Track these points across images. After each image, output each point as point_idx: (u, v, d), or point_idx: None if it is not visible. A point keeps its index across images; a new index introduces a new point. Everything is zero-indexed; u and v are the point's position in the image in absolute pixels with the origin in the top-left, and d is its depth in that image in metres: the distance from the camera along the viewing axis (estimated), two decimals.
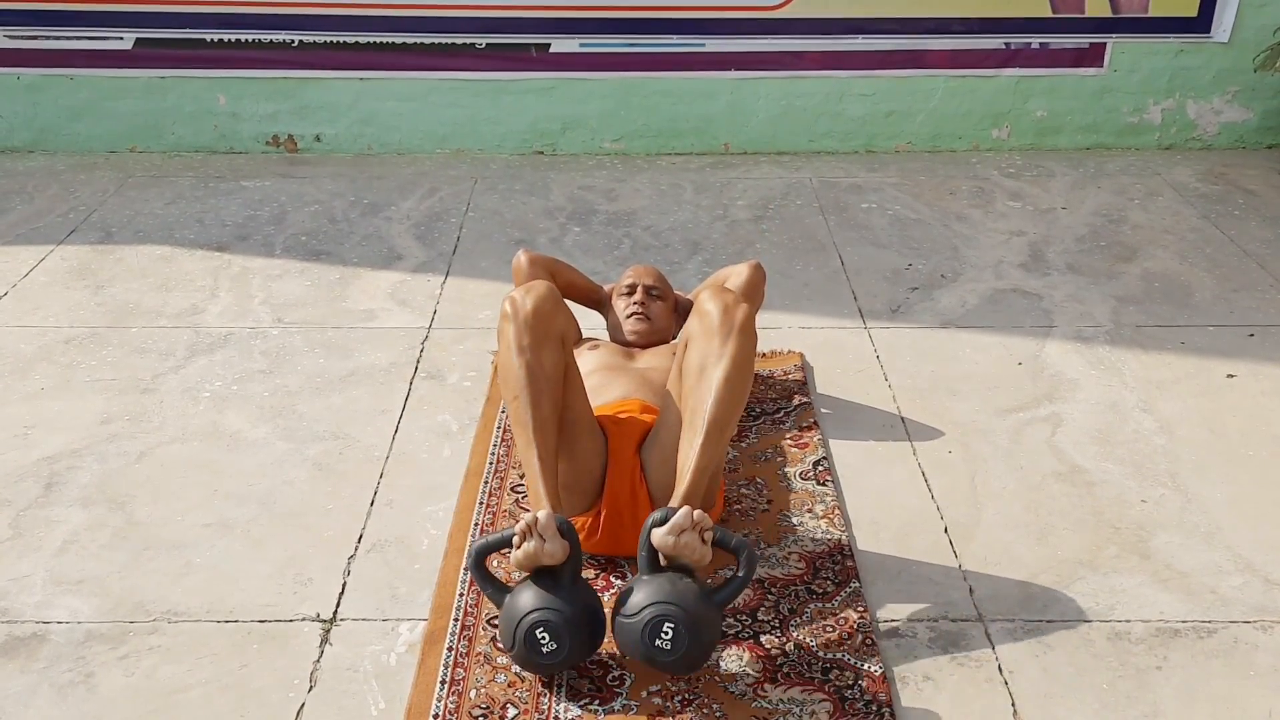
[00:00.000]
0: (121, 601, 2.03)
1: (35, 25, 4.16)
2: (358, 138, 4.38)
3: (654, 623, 1.75)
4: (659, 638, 1.75)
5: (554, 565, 1.81)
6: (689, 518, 1.80)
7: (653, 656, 1.77)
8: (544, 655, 1.78)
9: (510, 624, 1.80)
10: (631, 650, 1.79)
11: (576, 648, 1.79)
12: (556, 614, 1.78)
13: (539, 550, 1.80)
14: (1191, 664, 1.90)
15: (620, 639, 1.81)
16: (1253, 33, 4.22)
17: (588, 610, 1.83)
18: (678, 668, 1.80)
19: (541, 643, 1.77)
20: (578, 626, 1.79)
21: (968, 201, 3.95)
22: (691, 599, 1.77)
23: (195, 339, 2.97)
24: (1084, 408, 2.66)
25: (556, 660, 1.78)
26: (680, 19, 4.19)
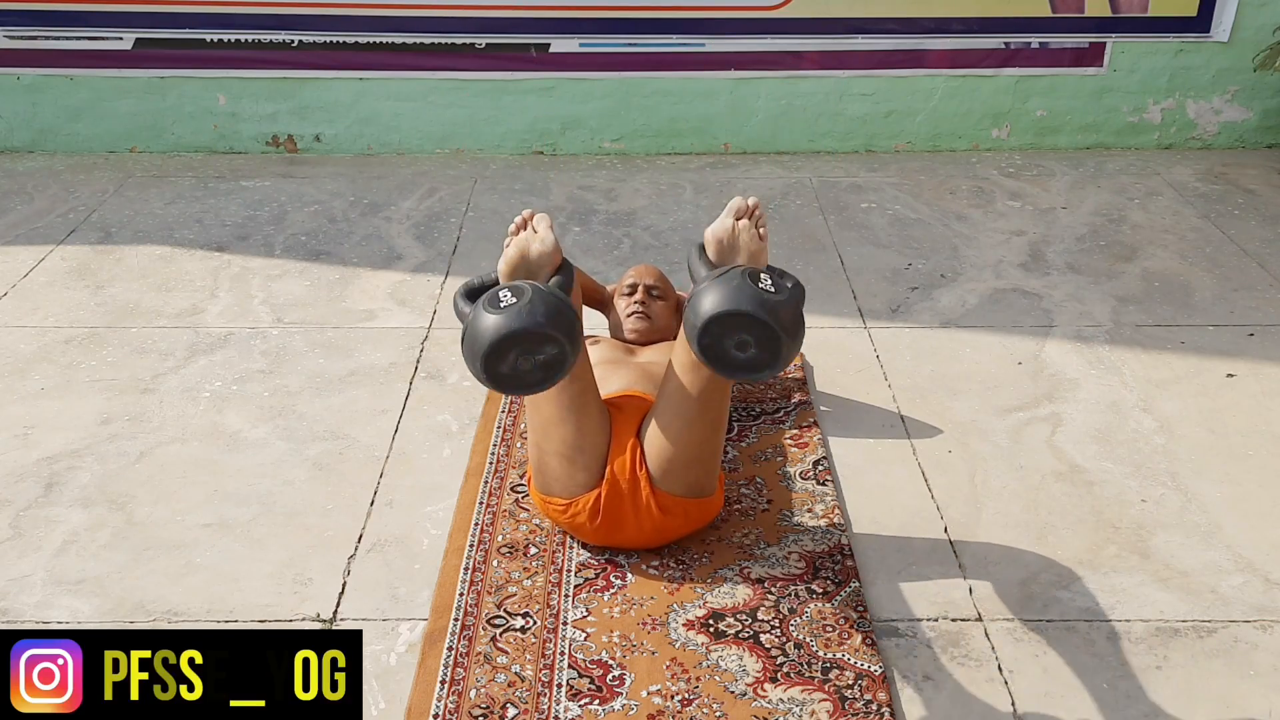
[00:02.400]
0: (121, 601, 2.03)
1: (35, 25, 4.16)
2: (358, 138, 4.38)
3: (751, 271, 1.66)
4: (760, 281, 1.65)
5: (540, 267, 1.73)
6: (745, 202, 1.74)
7: (760, 297, 1.64)
8: (502, 309, 1.66)
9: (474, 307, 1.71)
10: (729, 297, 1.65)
11: (540, 305, 1.67)
12: (524, 282, 1.71)
13: (528, 241, 1.75)
14: (1191, 664, 1.90)
15: (711, 297, 1.67)
16: (1252, 32, 4.22)
17: (560, 295, 1.73)
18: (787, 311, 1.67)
19: (502, 298, 1.66)
20: (545, 292, 1.69)
21: (968, 201, 3.95)
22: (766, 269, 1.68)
23: (195, 339, 2.97)
24: (1084, 407, 2.66)
25: (515, 310, 1.65)
26: (680, 19, 4.19)
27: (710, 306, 1.68)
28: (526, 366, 1.71)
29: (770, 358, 1.70)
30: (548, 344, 1.70)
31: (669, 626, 1.96)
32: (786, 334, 1.68)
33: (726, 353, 1.71)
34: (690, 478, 2.05)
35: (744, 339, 1.70)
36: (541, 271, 1.90)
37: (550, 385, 1.78)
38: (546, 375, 1.74)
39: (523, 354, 1.70)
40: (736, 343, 1.70)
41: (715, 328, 1.70)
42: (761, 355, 1.70)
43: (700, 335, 1.71)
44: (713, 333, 1.70)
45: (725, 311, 1.68)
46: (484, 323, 1.66)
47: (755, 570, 2.09)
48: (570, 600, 2.02)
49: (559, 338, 1.70)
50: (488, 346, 1.67)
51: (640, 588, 2.05)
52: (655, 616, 1.98)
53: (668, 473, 2.03)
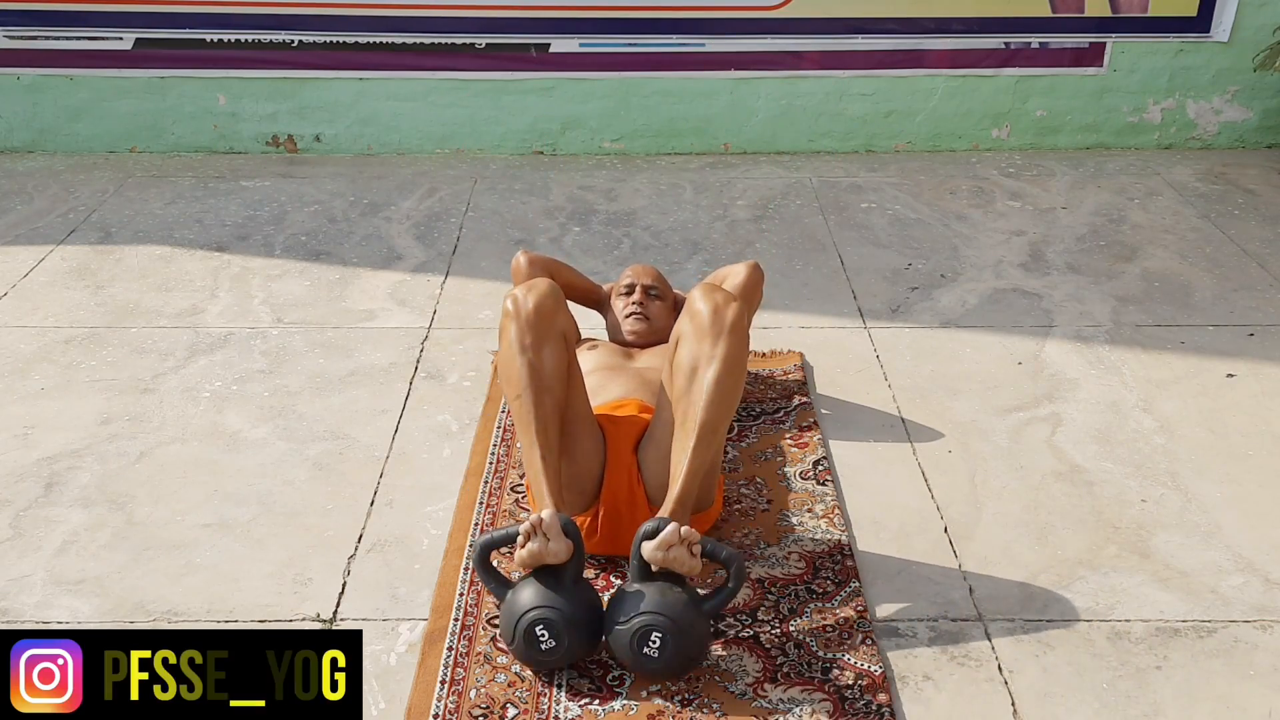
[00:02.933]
0: (121, 601, 2.03)
1: (35, 25, 4.16)
2: (358, 138, 4.38)
3: (642, 631, 1.79)
4: (647, 645, 1.78)
5: (557, 564, 1.83)
6: (676, 534, 1.81)
7: (641, 664, 1.80)
8: (543, 652, 1.80)
9: (511, 620, 1.82)
10: (621, 656, 1.83)
11: (575, 645, 1.81)
12: (557, 612, 1.80)
13: (543, 550, 1.81)
14: (1191, 664, 1.90)
15: (612, 645, 1.84)
16: (1252, 32, 4.22)
17: (588, 609, 1.85)
18: (666, 674, 1.83)
19: (541, 640, 1.79)
20: (577, 625, 1.81)
21: (968, 201, 3.95)
22: (680, 608, 1.80)
23: (195, 339, 2.97)
24: (1084, 407, 2.66)
25: (555, 657, 1.81)
26: (680, 19, 4.19)
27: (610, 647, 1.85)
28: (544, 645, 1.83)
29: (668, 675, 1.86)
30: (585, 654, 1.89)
31: None
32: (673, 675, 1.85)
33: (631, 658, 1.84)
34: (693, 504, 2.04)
35: None
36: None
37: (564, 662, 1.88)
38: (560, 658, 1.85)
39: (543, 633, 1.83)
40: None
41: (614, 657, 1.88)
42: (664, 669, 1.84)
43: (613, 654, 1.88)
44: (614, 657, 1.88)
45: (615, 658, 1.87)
46: (525, 654, 1.83)
47: (755, 570, 2.09)
48: None
49: (591, 651, 1.88)
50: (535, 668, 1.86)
51: None
52: None
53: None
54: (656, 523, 1.85)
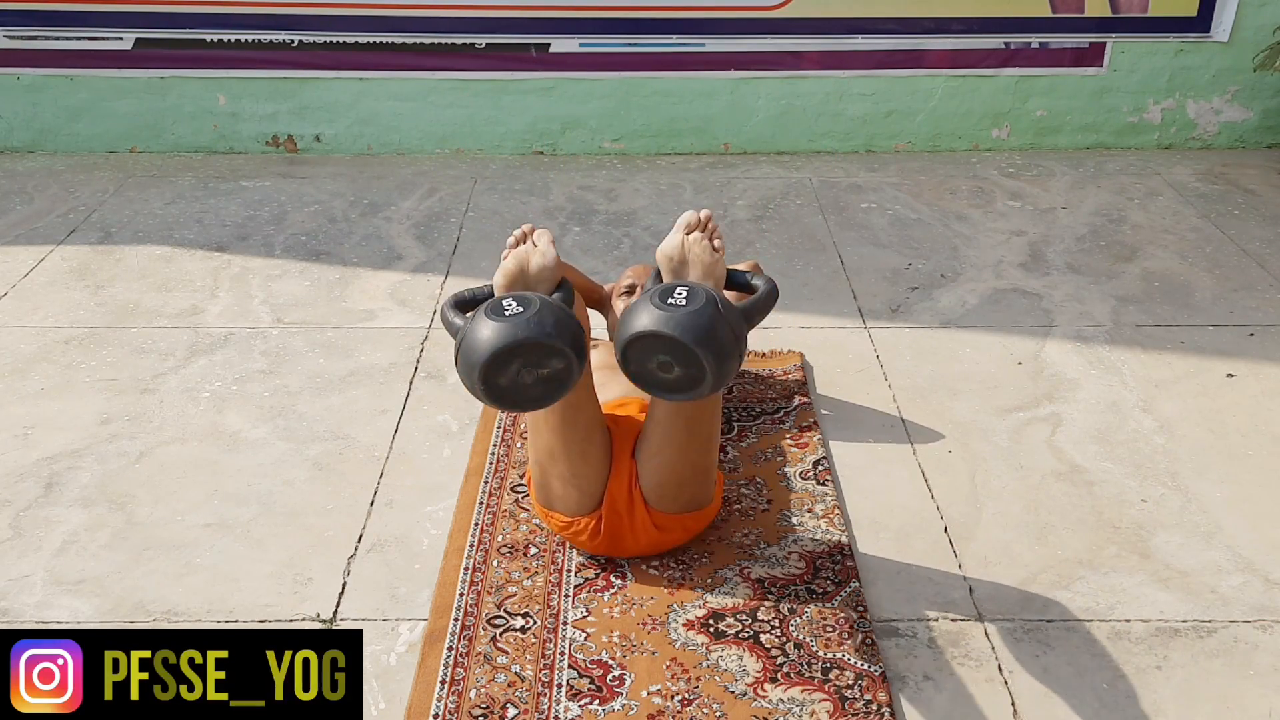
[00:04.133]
0: (121, 601, 2.03)
1: (35, 25, 4.16)
2: (358, 138, 4.38)
3: (665, 287, 1.58)
4: (671, 295, 1.56)
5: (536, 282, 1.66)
6: (696, 216, 1.65)
7: (666, 315, 1.55)
8: (507, 318, 1.58)
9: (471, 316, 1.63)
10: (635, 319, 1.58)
11: (549, 316, 1.59)
12: (528, 293, 1.63)
13: (528, 255, 1.68)
14: (1191, 664, 1.90)
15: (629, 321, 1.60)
16: (1252, 32, 4.22)
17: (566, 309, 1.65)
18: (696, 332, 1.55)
19: (506, 307, 1.58)
20: (552, 304, 1.62)
21: (968, 201, 3.95)
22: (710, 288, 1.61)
23: (195, 339, 2.97)
24: (1084, 407, 2.66)
25: (523, 319, 1.57)
26: (680, 19, 4.19)
27: (620, 334, 1.62)
28: (528, 380, 1.62)
29: (696, 373, 1.61)
30: (554, 357, 1.61)
31: (669, 626, 1.96)
32: (702, 346, 1.57)
33: (653, 375, 1.63)
34: (685, 496, 2.04)
35: (662, 360, 1.61)
36: (540, 287, 1.81)
37: (549, 404, 1.68)
38: (547, 391, 1.65)
39: (526, 366, 1.61)
40: (658, 364, 1.62)
41: (631, 353, 1.63)
42: (688, 373, 1.61)
43: (622, 364, 1.65)
44: (631, 359, 1.63)
45: (632, 335, 1.60)
46: (485, 330, 1.57)
47: (755, 570, 2.09)
48: (570, 600, 2.02)
49: (566, 351, 1.61)
50: (489, 355, 1.57)
51: (640, 588, 2.05)
52: (655, 616, 1.98)
53: (662, 496, 2.03)
54: None
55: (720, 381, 1.62)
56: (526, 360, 1.60)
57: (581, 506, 2.05)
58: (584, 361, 1.66)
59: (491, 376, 1.60)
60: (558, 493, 2.05)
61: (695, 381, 1.61)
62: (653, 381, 1.63)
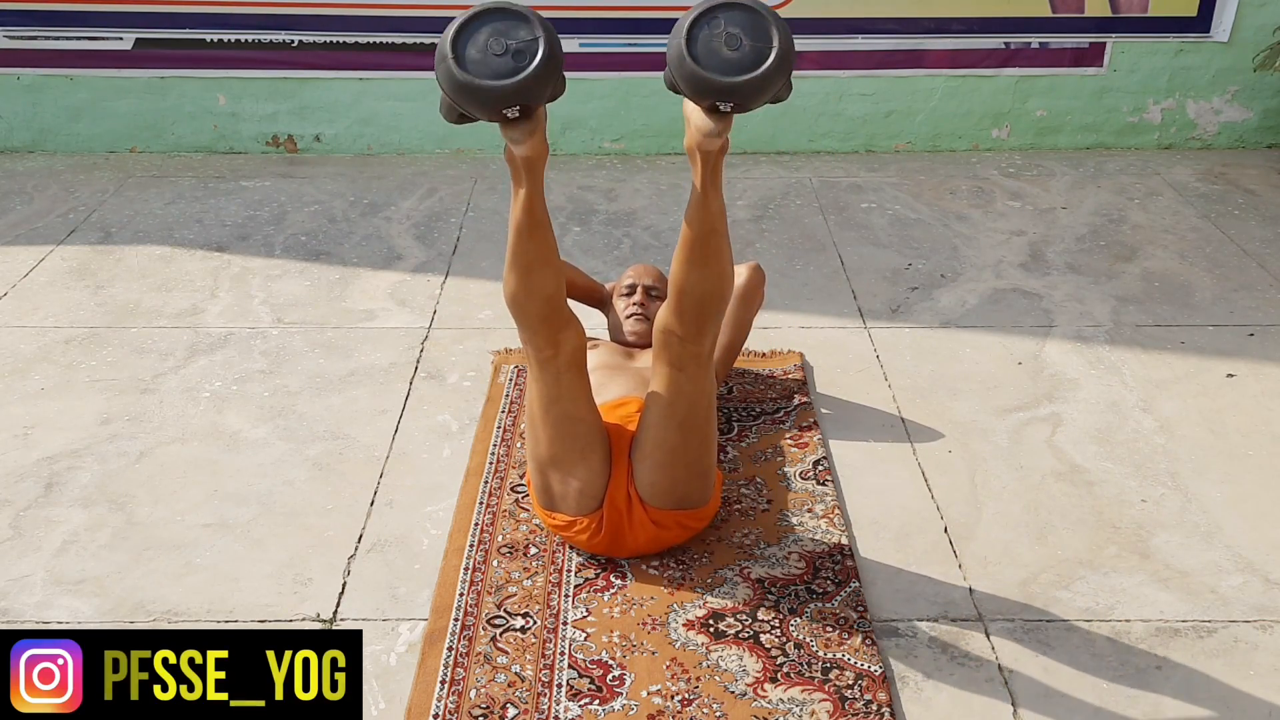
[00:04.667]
0: (121, 601, 2.03)
1: (35, 25, 4.16)
2: (358, 138, 4.38)
3: None
4: None
5: None
6: None
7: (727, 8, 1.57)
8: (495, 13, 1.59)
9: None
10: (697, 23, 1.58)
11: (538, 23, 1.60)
12: None
13: None
14: (1191, 664, 1.90)
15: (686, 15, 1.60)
16: (1252, 32, 4.22)
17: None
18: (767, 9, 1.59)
19: None
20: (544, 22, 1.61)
21: (968, 201, 3.95)
22: None
23: (195, 339, 2.97)
24: (1084, 407, 2.66)
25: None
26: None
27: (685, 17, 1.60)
28: (497, 50, 1.60)
29: (764, 48, 1.60)
30: (523, 27, 1.61)
31: (669, 626, 1.96)
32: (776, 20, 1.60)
33: (715, 53, 1.60)
34: (680, 493, 2.05)
35: (731, 32, 1.60)
36: None
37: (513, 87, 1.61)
38: (515, 67, 1.60)
39: (495, 35, 1.60)
40: (726, 40, 1.61)
41: (696, 32, 1.61)
42: (757, 45, 1.60)
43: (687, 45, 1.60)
44: (698, 40, 1.61)
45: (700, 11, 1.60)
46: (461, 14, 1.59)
47: (755, 570, 2.09)
48: (570, 600, 2.02)
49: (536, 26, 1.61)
50: (464, 18, 1.60)
51: (640, 588, 2.05)
52: (655, 616, 1.98)
53: (657, 493, 2.03)
54: None
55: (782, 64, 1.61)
56: (498, 26, 1.60)
57: (582, 507, 2.05)
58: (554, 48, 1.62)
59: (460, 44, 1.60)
60: (558, 494, 2.05)
61: (763, 57, 1.60)
62: (711, 62, 1.60)
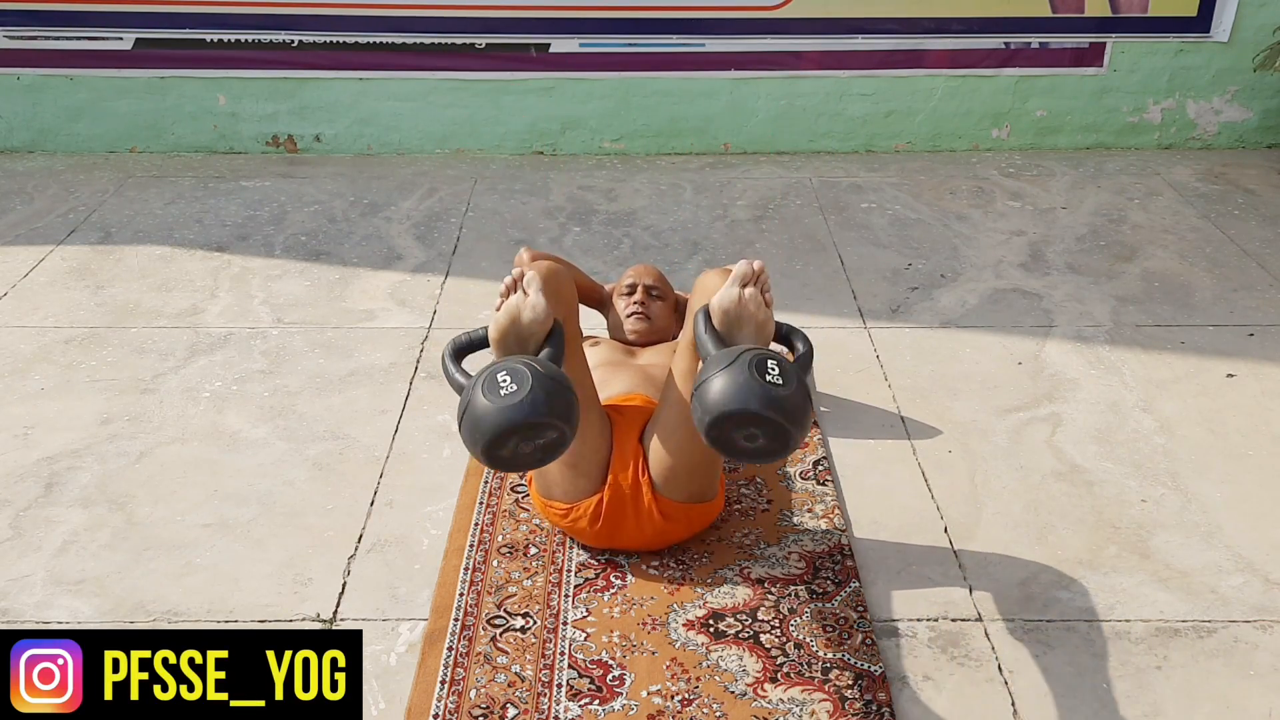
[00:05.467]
0: (121, 601, 2.03)
1: (35, 25, 4.16)
2: (358, 138, 4.38)
3: (757, 360, 1.65)
4: (767, 373, 1.64)
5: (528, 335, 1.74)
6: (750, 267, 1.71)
7: (767, 393, 1.63)
8: (503, 398, 1.65)
9: (471, 386, 1.70)
10: (735, 395, 1.64)
11: (541, 393, 1.66)
12: (521, 363, 1.69)
13: (519, 308, 1.74)
14: (1191, 664, 1.90)
15: (717, 390, 1.66)
16: (1252, 32, 4.22)
17: (556, 374, 1.72)
18: (792, 409, 1.65)
19: (501, 384, 1.65)
20: (544, 377, 1.68)
21: (968, 201, 3.95)
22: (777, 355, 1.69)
23: (195, 339, 2.97)
24: (1084, 407, 2.66)
25: (516, 401, 1.64)
26: (680, 19, 4.19)
27: (717, 403, 1.67)
28: (526, 450, 1.73)
29: (779, 447, 1.72)
30: (549, 430, 1.71)
31: (669, 626, 1.96)
32: (794, 425, 1.68)
33: (735, 443, 1.71)
34: (693, 485, 2.05)
35: (752, 432, 1.70)
36: (532, 339, 1.85)
37: (548, 463, 1.80)
38: (545, 456, 1.76)
39: (523, 440, 1.70)
40: (745, 435, 1.71)
41: (724, 424, 1.69)
42: (770, 445, 1.71)
43: (708, 430, 1.71)
44: (721, 428, 1.70)
45: (732, 411, 1.67)
46: (483, 410, 1.66)
47: (755, 570, 2.09)
48: (570, 600, 2.02)
49: (560, 425, 1.70)
50: (489, 438, 1.68)
51: (640, 588, 2.05)
52: (655, 616, 1.98)
53: (670, 480, 2.03)
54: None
55: (791, 452, 1.73)
56: (523, 437, 1.70)
57: (579, 489, 2.05)
58: (576, 426, 1.74)
59: (493, 451, 1.72)
60: (556, 477, 2.05)
61: (774, 453, 1.72)
62: (731, 448, 1.71)
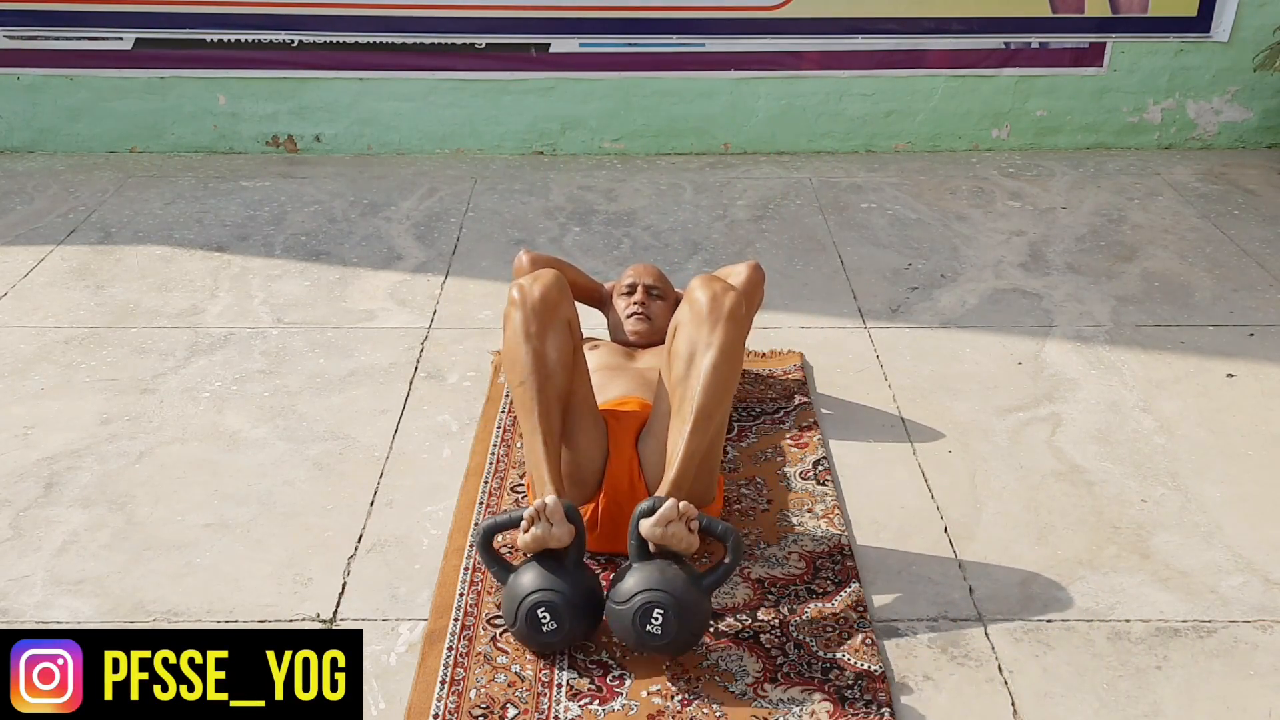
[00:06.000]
0: (121, 601, 2.03)
1: (35, 25, 4.16)
2: (358, 138, 4.38)
3: (644, 609, 1.81)
4: (650, 623, 1.81)
5: (558, 548, 1.88)
6: (675, 509, 1.85)
7: (644, 641, 1.83)
8: (544, 634, 1.84)
9: (513, 602, 1.87)
10: (624, 635, 1.86)
11: (576, 628, 1.86)
12: (558, 595, 1.84)
13: (546, 534, 1.85)
14: (1191, 664, 1.90)
15: (613, 624, 1.87)
16: (1252, 32, 4.22)
17: (588, 593, 1.90)
18: (669, 650, 1.86)
19: (542, 622, 1.84)
20: (578, 608, 1.86)
21: (968, 201, 3.95)
22: (680, 585, 1.83)
23: (195, 339, 2.97)
24: (1084, 407, 2.66)
25: (556, 639, 1.85)
26: (680, 19, 4.19)
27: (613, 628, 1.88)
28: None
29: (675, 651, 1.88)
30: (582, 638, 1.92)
31: None
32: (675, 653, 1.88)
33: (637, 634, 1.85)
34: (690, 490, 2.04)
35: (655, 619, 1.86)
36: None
37: None
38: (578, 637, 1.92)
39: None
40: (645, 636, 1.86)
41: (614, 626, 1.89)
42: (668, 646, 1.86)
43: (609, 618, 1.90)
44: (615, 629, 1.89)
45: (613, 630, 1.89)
46: (527, 636, 1.87)
47: (755, 570, 2.09)
48: None
49: (591, 633, 1.92)
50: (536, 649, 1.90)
51: None
52: None
53: None
54: (653, 501, 1.88)
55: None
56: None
57: (576, 497, 2.06)
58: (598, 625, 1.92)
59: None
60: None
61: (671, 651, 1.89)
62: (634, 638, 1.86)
